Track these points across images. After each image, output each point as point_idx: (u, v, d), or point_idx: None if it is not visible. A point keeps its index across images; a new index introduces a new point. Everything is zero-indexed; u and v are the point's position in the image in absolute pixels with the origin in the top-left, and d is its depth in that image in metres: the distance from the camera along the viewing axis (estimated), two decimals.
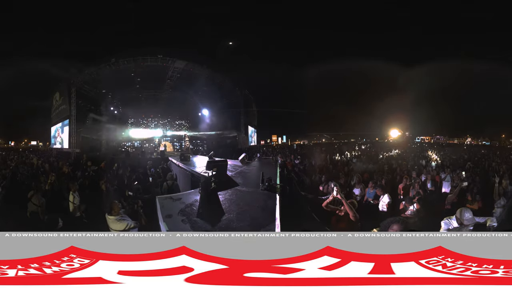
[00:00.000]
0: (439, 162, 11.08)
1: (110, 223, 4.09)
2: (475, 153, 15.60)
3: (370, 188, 6.98)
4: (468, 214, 3.70)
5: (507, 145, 17.48)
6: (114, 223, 4.05)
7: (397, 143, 18.37)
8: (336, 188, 4.53)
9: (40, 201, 5.47)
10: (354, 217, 4.31)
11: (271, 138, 20.16)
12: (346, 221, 4.39)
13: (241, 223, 4.67)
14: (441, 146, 18.28)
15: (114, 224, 4.06)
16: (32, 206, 5.39)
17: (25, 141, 18.36)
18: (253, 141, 18.43)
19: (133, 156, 13.80)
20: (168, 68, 15.83)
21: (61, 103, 15.50)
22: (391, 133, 18.88)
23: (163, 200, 5.68)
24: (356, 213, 4.37)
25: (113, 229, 4.06)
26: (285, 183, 6.69)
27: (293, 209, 5.51)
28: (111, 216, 4.09)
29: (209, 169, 6.55)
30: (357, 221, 4.33)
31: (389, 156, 14.33)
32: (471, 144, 18.96)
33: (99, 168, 8.88)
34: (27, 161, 12.16)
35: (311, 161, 11.51)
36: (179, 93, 16.79)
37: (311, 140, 20.51)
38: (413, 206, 5.69)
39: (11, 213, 5.44)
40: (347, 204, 4.34)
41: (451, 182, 7.64)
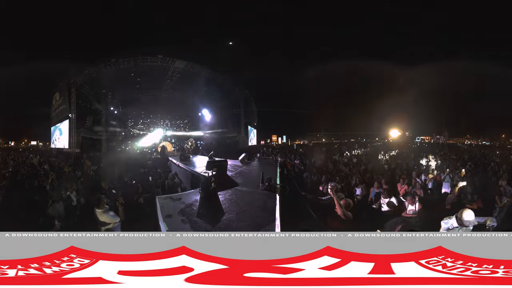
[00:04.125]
0: (439, 162, 11.06)
1: (98, 215, 4.55)
2: (475, 153, 15.60)
3: (375, 188, 6.96)
4: (470, 217, 3.67)
5: (507, 145, 17.48)
6: (101, 215, 4.53)
7: (397, 143, 18.37)
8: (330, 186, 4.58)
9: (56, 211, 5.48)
10: (344, 216, 4.34)
11: (271, 138, 20.17)
12: (339, 220, 4.42)
13: (241, 223, 4.67)
14: (441, 146, 18.28)
15: (101, 216, 4.53)
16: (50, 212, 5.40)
17: (25, 141, 18.36)
18: (253, 141, 18.43)
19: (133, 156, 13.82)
20: (168, 68, 15.85)
21: (61, 103, 15.50)
22: (391, 133, 18.88)
23: (163, 200, 5.68)
24: (346, 212, 4.41)
25: (100, 220, 4.52)
26: (285, 183, 6.69)
27: (293, 209, 5.50)
28: (98, 209, 4.56)
29: (209, 169, 6.56)
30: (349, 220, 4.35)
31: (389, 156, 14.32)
32: (471, 144, 18.96)
33: (99, 168, 8.89)
34: (27, 161, 12.17)
35: (311, 161, 11.51)
36: (179, 93, 16.80)
37: (311, 140, 20.51)
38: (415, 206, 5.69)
39: (11, 213, 5.44)
40: (337, 202, 4.40)
41: (451, 182, 7.64)
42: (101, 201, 4.62)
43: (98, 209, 4.56)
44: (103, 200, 4.68)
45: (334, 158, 12.34)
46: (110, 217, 4.54)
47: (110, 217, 4.54)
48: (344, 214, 4.38)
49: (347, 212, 4.54)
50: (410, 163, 10.81)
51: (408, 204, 5.71)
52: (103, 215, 4.52)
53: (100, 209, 4.56)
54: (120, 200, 4.84)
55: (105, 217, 4.51)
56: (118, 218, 4.60)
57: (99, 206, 4.57)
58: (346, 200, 4.80)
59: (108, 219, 4.51)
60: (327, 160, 11.65)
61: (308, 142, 20.50)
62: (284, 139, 20.34)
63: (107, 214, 4.54)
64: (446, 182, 7.76)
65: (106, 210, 4.60)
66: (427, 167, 10.19)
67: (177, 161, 9.85)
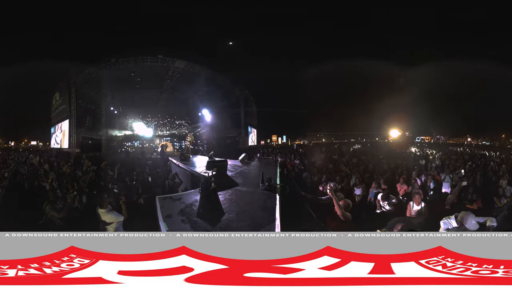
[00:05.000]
0: (439, 162, 11.06)
1: (102, 215, 4.60)
2: (475, 153, 15.60)
3: (373, 188, 6.97)
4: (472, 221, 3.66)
5: (507, 145, 17.48)
6: (104, 215, 4.59)
7: (397, 143, 18.36)
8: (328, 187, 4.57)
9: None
10: (343, 216, 4.33)
11: (271, 138, 20.17)
12: (339, 220, 4.41)
13: (241, 223, 4.66)
14: (441, 146, 18.28)
15: (104, 215, 4.59)
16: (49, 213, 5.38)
17: (25, 141, 18.36)
18: (253, 141, 18.43)
19: (133, 156, 13.83)
20: (168, 68, 15.84)
21: (61, 103, 15.51)
22: (391, 133, 18.87)
23: (163, 200, 5.67)
24: (346, 213, 4.39)
25: (103, 220, 4.57)
26: (285, 183, 6.69)
27: (293, 209, 5.50)
28: (102, 209, 4.62)
29: (209, 169, 6.56)
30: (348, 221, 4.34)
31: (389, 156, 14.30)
32: (471, 144, 18.96)
33: (99, 168, 8.88)
34: (27, 161, 12.17)
35: (311, 161, 11.51)
36: (179, 93, 16.79)
37: (311, 140, 20.50)
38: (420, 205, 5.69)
39: (11, 213, 5.44)
40: (336, 203, 4.38)
41: (451, 182, 7.64)
42: (104, 201, 4.68)
43: (101, 209, 4.62)
44: (106, 200, 4.76)
45: (334, 158, 12.35)
46: (113, 216, 4.62)
47: (114, 216, 4.62)
48: (343, 215, 4.37)
49: (346, 213, 4.53)
50: (410, 163, 10.82)
51: (413, 204, 5.70)
52: (107, 215, 4.59)
53: (103, 209, 4.62)
54: (123, 199, 4.97)
55: (108, 217, 4.59)
56: (121, 216, 4.68)
57: (102, 206, 4.64)
58: (346, 201, 4.79)
59: (112, 218, 4.59)
60: (327, 160, 11.65)
61: (308, 142, 20.50)
62: (284, 139, 20.34)
63: (111, 213, 4.63)
64: (446, 182, 7.76)
65: (109, 210, 4.67)
66: (427, 167, 10.19)
67: (177, 161, 9.85)
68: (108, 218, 4.58)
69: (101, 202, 4.66)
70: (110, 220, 4.58)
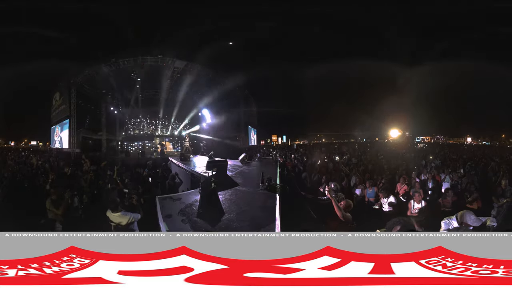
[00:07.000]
0: (439, 162, 11.06)
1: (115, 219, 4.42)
2: (475, 153, 15.59)
3: (368, 188, 6.99)
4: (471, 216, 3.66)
5: (507, 145, 17.48)
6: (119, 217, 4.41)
7: (397, 143, 18.37)
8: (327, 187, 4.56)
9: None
10: (342, 217, 4.32)
11: (271, 138, 20.18)
12: (339, 220, 4.40)
13: (241, 223, 4.67)
14: (441, 146, 18.28)
15: (119, 218, 4.41)
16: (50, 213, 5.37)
17: (25, 141, 18.37)
18: (253, 141, 18.44)
19: (133, 156, 13.84)
20: (168, 68, 15.84)
21: (61, 103, 15.52)
22: (391, 133, 18.87)
23: (163, 200, 5.68)
24: (345, 214, 4.38)
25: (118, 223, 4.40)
26: (285, 183, 6.69)
27: (293, 209, 5.50)
28: (115, 213, 4.44)
29: (209, 169, 6.56)
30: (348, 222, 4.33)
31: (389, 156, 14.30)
32: (471, 144, 18.97)
33: (99, 168, 8.88)
34: (27, 161, 12.16)
35: (311, 161, 11.51)
36: (179, 93, 16.81)
37: (311, 140, 20.53)
38: (421, 204, 5.70)
39: (11, 213, 5.44)
40: (336, 204, 4.37)
41: (451, 182, 7.63)
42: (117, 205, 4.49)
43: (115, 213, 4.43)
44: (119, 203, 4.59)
45: (334, 158, 12.34)
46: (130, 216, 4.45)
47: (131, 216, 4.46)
48: (344, 216, 4.36)
49: (347, 213, 4.52)
50: (410, 163, 10.80)
51: (414, 203, 5.70)
52: (123, 217, 4.42)
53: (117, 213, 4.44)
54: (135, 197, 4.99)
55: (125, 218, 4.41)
56: (138, 214, 4.58)
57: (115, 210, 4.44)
58: (347, 201, 4.77)
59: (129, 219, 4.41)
60: (327, 160, 11.65)
61: (308, 142, 20.51)
62: (284, 139, 20.36)
63: (127, 215, 4.46)
64: (446, 182, 7.75)
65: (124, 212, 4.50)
66: (427, 167, 10.18)
67: (177, 161, 9.86)
68: (125, 219, 4.41)
69: (114, 206, 4.45)
70: (126, 221, 4.41)
